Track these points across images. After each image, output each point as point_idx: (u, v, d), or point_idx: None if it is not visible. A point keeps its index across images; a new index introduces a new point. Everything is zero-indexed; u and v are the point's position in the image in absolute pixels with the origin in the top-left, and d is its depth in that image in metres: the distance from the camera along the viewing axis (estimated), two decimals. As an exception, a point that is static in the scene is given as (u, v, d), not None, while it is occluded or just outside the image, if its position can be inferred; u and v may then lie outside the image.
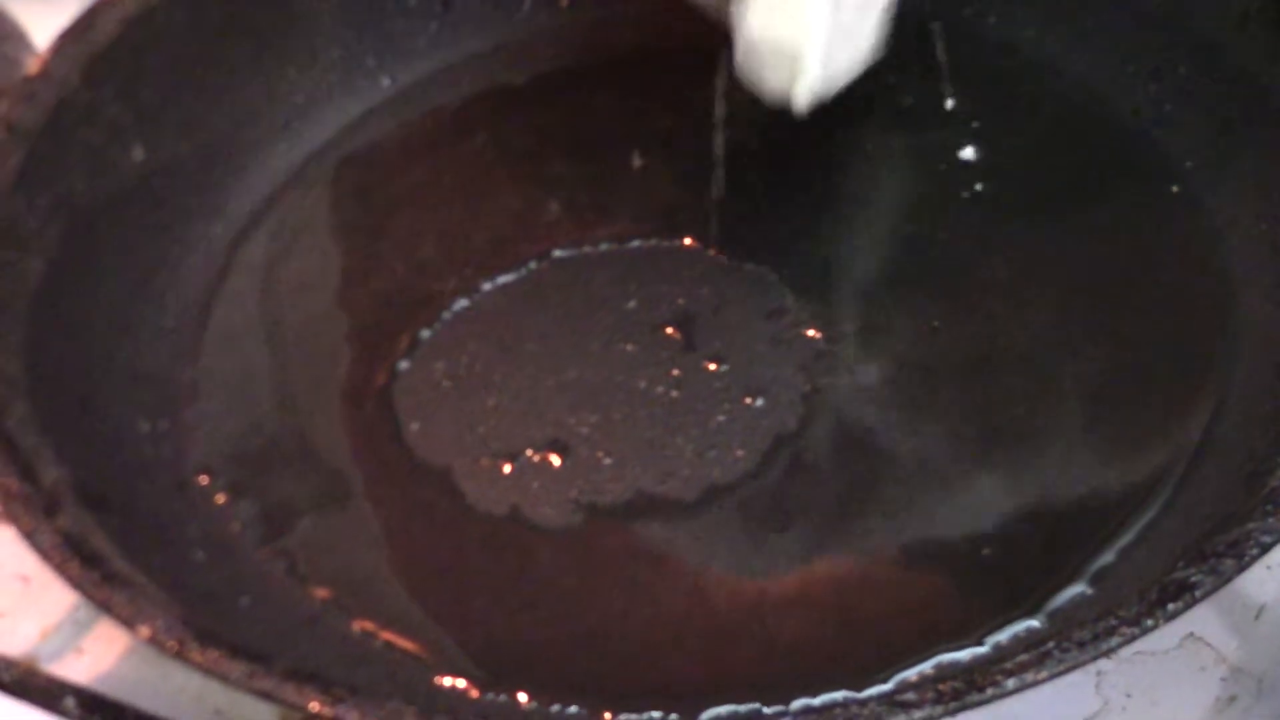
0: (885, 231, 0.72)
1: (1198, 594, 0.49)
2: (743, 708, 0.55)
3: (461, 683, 0.57)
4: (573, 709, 0.56)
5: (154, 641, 0.50)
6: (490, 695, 0.57)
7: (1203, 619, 0.62)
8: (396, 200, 0.77)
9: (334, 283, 0.73)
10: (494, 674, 0.58)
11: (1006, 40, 0.79)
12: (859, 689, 0.55)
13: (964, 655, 0.56)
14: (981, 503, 0.62)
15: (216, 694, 0.62)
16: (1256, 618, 0.63)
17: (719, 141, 0.75)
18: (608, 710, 0.56)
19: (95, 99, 0.69)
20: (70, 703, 0.58)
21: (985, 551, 0.60)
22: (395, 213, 0.77)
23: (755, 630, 0.59)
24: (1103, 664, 0.61)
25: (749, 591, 0.60)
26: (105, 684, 0.61)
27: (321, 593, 0.61)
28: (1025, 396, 0.65)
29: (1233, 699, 0.60)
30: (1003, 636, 0.56)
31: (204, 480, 0.65)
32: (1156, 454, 0.62)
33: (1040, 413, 0.64)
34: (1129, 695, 0.61)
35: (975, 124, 0.76)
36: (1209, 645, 0.62)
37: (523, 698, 0.57)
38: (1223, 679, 0.61)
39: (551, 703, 0.56)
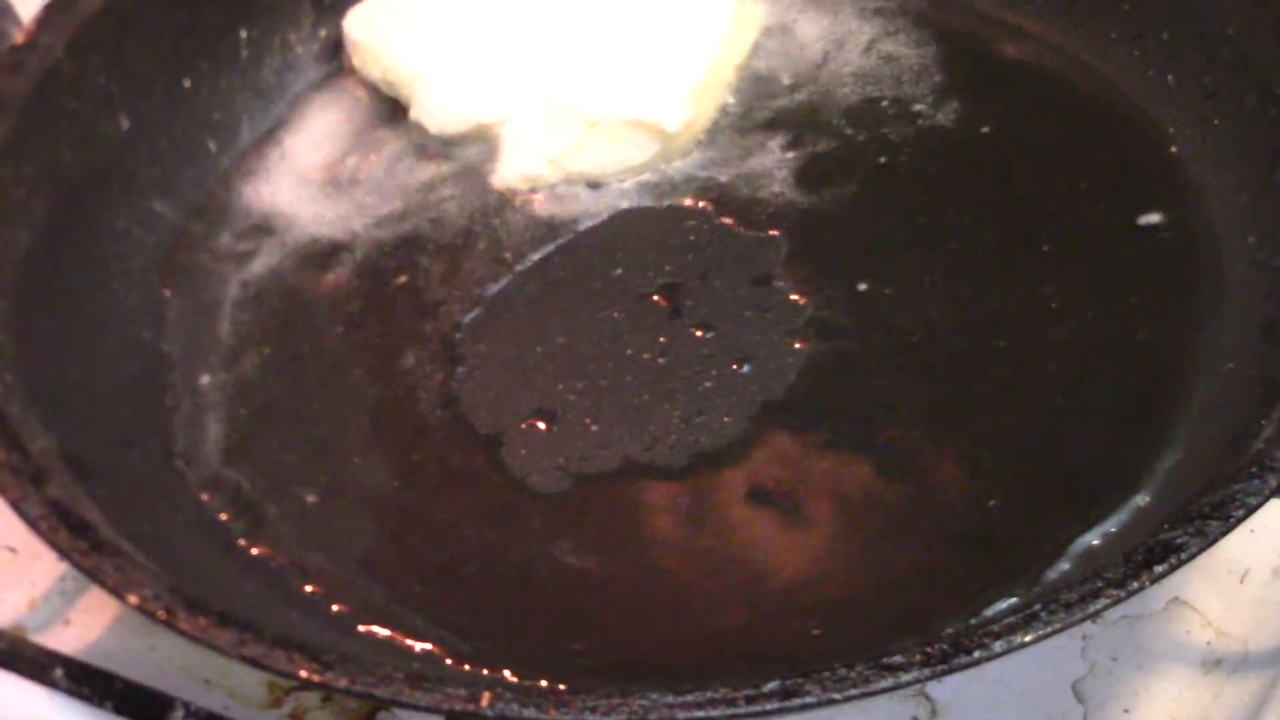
0: (873, 198, 0.72)
1: (1184, 555, 0.50)
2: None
3: (457, 660, 0.57)
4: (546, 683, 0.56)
5: (142, 609, 0.50)
6: (476, 668, 0.57)
7: (1188, 582, 0.63)
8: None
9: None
10: (480, 644, 0.58)
11: (991, 9, 0.79)
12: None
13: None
14: (969, 470, 0.62)
15: (205, 663, 0.63)
16: (1241, 581, 0.63)
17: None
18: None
19: (81, 69, 0.68)
20: (59, 673, 0.58)
21: (974, 521, 0.60)
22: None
23: (744, 600, 0.59)
24: (1088, 628, 0.61)
25: (737, 561, 0.60)
26: (93, 654, 0.61)
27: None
28: (1011, 360, 0.65)
29: (1218, 662, 0.61)
30: (991, 611, 0.56)
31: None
32: (1141, 417, 0.62)
33: (1026, 377, 0.64)
34: (1115, 659, 0.61)
35: (961, 92, 0.76)
36: (1194, 609, 0.62)
37: (507, 673, 0.56)
38: (1208, 643, 0.61)
39: (537, 676, 0.56)
